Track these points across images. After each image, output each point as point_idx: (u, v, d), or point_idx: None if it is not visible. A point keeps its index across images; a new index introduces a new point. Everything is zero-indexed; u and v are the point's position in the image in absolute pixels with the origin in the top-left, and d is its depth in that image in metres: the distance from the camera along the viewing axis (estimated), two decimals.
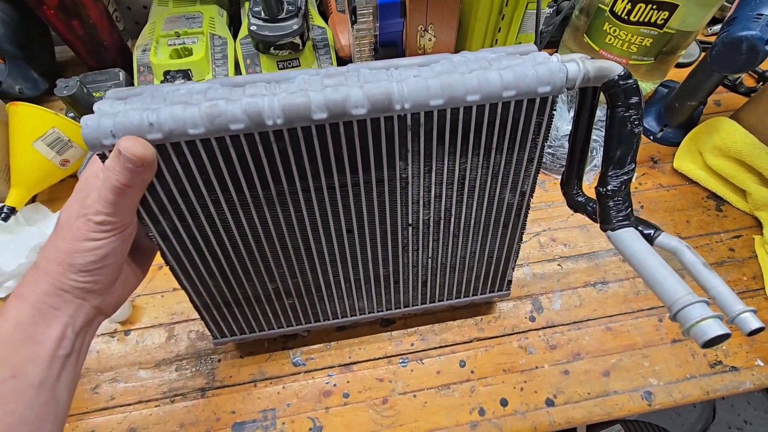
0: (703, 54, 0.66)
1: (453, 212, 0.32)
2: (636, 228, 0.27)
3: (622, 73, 0.24)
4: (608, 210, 0.28)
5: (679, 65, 0.65)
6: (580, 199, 0.31)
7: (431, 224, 0.32)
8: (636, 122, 0.25)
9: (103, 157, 0.24)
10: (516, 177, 0.30)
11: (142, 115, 0.23)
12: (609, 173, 0.27)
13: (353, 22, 0.47)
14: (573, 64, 0.24)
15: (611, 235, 0.28)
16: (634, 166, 0.27)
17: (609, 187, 0.27)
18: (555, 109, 0.26)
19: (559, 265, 0.48)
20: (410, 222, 0.32)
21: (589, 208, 0.30)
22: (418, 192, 0.30)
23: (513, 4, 0.50)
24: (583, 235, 0.49)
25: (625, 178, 0.27)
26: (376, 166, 0.27)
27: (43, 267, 0.24)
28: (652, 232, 0.27)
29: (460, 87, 0.24)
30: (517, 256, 0.38)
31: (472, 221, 0.33)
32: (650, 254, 0.25)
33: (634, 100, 0.25)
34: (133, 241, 0.27)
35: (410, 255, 0.35)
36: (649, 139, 0.58)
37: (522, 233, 0.35)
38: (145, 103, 0.24)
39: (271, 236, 0.31)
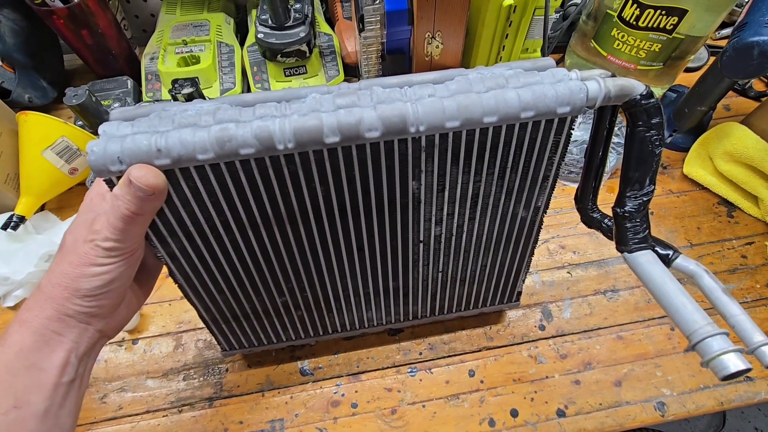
0: (712, 59, 0.66)
1: (465, 228, 0.31)
2: (653, 250, 0.26)
3: (644, 92, 0.24)
4: (625, 232, 0.27)
5: (688, 70, 0.65)
6: (594, 215, 0.30)
7: (443, 240, 0.32)
8: (657, 142, 0.25)
9: (109, 183, 0.23)
10: (530, 193, 0.30)
11: (150, 141, 0.22)
12: (627, 194, 0.26)
13: (361, 30, 0.47)
14: (593, 83, 0.24)
15: (627, 257, 0.27)
16: (653, 187, 0.26)
17: (627, 208, 0.27)
18: (573, 128, 0.25)
19: (568, 272, 0.47)
20: (421, 239, 0.31)
21: (604, 226, 0.30)
22: (431, 210, 0.29)
23: (520, 10, 0.49)
24: (593, 242, 0.49)
25: (644, 199, 0.26)
26: (389, 187, 0.27)
27: (48, 292, 0.23)
28: (669, 253, 0.26)
29: (477, 108, 0.23)
30: (528, 268, 0.37)
31: (484, 236, 0.33)
32: (668, 279, 0.24)
33: (656, 120, 0.24)
34: None
35: (420, 269, 0.35)
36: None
37: (534, 247, 0.35)
38: (153, 125, 0.23)
39: (281, 254, 0.30)
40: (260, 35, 0.54)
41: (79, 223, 0.24)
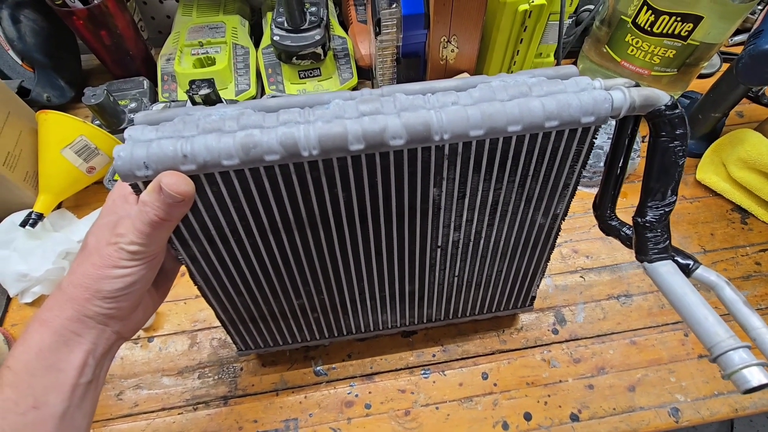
0: (725, 65, 0.66)
1: (483, 234, 0.32)
2: (673, 260, 0.26)
3: (669, 103, 0.24)
4: (645, 241, 0.27)
5: (701, 76, 0.64)
6: (613, 223, 0.31)
7: (460, 246, 0.32)
8: (680, 153, 0.25)
9: (135, 187, 0.23)
10: (550, 201, 0.30)
11: (176, 146, 0.22)
12: (648, 204, 0.27)
13: (377, 34, 0.47)
14: (618, 93, 0.24)
15: (647, 267, 0.27)
16: (675, 198, 0.26)
17: (648, 218, 0.27)
18: (596, 138, 0.25)
19: (581, 276, 0.47)
20: (439, 244, 0.32)
21: (622, 234, 0.30)
22: (450, 217, 0.29)
23: (535, 16, 0.50)
24: (606, 247, 0.49)
25: (666, 210, 0.26)
26: (410, 193, 0.27)
27: (69, 292, 0.24)
28: (690, 263, 0.26)
29: (502, 117, 0.23)
30: (543, 274, 0.37)
31: (502, 242, 0.33)
32: (689, 290, 0.24)
33: (680, 131, 0.24)
34: None
35: (437, 274, 0.35)
36: None
37: (551, 253, 0.35)
38: (177, 129, 0.23)
39: (300, 258, 0.30)
40: (276, 37, 0.54)
41: (102, 225, 0.25)
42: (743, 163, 0.51)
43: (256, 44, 0.63)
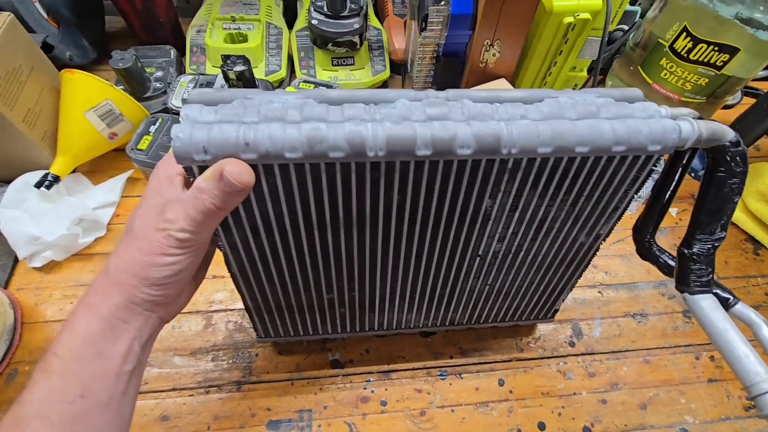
0: (746, 99, 0.68)
1: (524, 248, 0.32)
2: (713, 293, 0.27)
3: (734, 140, 0.24)
4: (689, 273, 0.27)
5: (725, 107, 0.66)
6: (653, 249, 0.31)
7: (500, 257, 0.32)
8: (737, 190, 0.25)
9: (188, 170, 0.22)
10: (597, 222, 0.30)
11: (238, 133, 0.21)
12: (697, 236, 0.27)
13: (422, 30, 0.47)
14: (686, 124, 0.23)
15: (688, 299, 0.27)
16: (725, 234, 0.26)
17: (694, 250, 0.27)
18: (656, 166, 0.25)
19: (599, 292, 0.48)
20: (480, 253, 0.32)
21: (661, 261, 0.30)
22: (497, 228, 0.29)
23: (578, 29, 0.50)
24: (624, 265, 0.50)
25: (715, 244, 0.26)
26: (464, 202, 0.27)
27: (116, 278, 0.23)
28: (729, 298, 0.27)
29: (571, 137, 0.23)
30: (572, 289, 0.38)
31: (540, 257, 0.33)
32: (729, 327, 0.25)
33: (741, 168, 0.24)
34: None
35: (470, 281, 0.35)
36: (691, 176, 0.59)
37: (584, 270, 0.35)
38: (237, 114, 0.22)
39: (340, 255, 0.30)
40: (314, 21, 0.53)
41: (148, 208, 0.23)
42: (761, 196, 0.52)
43: (289, 26, 0.61)
